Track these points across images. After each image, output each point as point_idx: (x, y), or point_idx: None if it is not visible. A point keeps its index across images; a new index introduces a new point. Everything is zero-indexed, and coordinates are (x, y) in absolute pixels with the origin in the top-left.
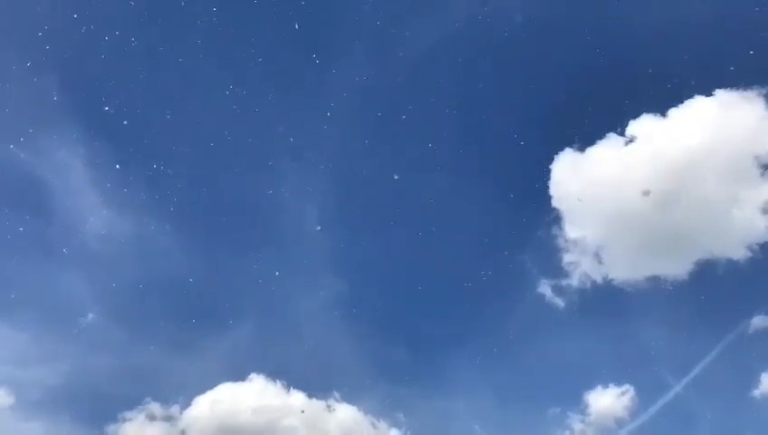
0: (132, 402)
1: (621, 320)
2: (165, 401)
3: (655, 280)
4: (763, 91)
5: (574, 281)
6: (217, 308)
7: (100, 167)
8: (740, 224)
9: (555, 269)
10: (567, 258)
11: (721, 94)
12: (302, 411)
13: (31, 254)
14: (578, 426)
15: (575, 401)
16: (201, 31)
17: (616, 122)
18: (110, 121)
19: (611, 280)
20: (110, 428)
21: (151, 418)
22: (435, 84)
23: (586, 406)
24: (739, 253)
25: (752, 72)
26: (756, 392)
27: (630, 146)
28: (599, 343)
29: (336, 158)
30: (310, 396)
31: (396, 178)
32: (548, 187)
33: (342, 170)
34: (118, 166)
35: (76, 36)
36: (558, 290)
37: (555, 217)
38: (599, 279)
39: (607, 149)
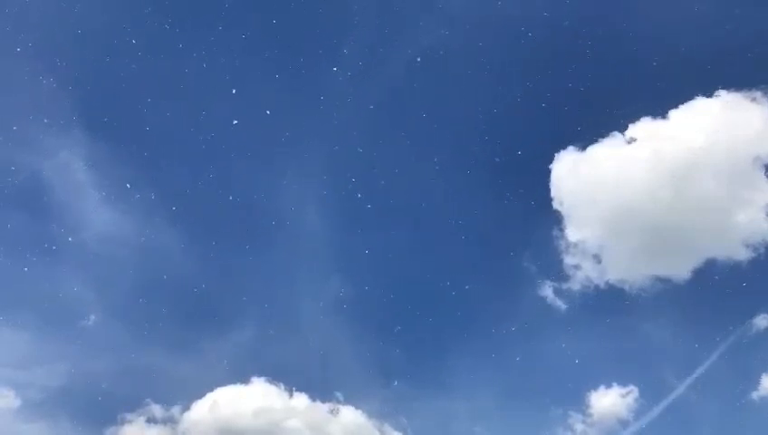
0: (132, 405)
1: (624, 321)
2: (165, 403)
3: (657, 281)
4: (767, 92)
5: (576, 282)
6: (219, 310)
7: (102, 167)
8: (742, 225)
9: (556, 271)
10: (568, 260)
11: (723, 95)
12: None
13: (32, 254)
14: (580, 426)
15: (577, 402)
16: (201, 30)
17: (618, 122)
18: (111, 121)
19: (613, 281)
20: (110, 430)
21: (151, 420)
22: (435, 83)
23: (588, 407)
24: (741, 254)
25: (754, 72)
26: (755, 395)
27: (632, 146)
28: (601, 345)
29: (336, 157)
30: (313, 399)
31: (395, 176)
32: (549, 188)
33: (342, 170)
34: (119, 166)
35: (77, 36)
36: (559, 292)
37: (556, 219)
38: (600, 280)
39: (608, 149)
